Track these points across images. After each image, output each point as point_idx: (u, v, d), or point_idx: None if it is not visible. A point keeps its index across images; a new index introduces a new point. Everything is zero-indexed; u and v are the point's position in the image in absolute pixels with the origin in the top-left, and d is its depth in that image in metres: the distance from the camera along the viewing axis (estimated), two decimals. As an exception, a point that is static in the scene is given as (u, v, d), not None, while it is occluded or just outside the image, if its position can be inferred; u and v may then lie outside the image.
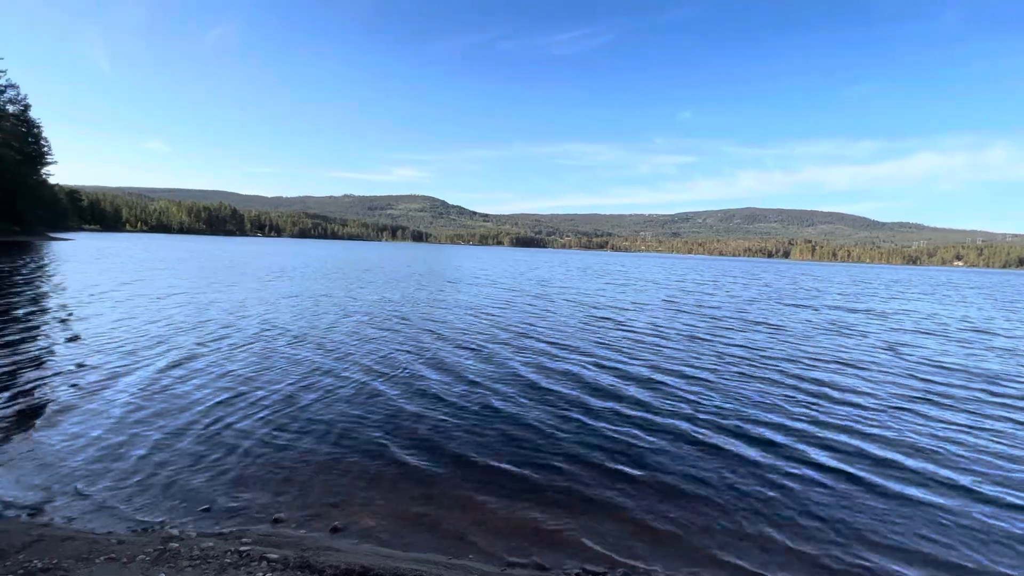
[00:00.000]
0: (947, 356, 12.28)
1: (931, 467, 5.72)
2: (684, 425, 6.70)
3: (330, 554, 3.65)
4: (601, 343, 12.13)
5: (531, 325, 14.52)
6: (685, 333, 14.08)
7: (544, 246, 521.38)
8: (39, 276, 21.35)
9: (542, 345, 11.61)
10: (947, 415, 7.61)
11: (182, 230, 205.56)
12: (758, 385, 8.85)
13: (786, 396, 8.25)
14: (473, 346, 11.21)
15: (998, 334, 16.70)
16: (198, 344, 10.11)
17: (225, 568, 3.34)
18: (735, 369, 9.97)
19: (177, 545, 3.61)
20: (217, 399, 6.92)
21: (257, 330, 11.83)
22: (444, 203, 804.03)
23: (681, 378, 9.13)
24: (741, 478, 5.23)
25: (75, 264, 28.89)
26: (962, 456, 6.06)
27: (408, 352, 10.34)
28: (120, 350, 9.32)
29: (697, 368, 9.93)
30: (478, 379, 8.55)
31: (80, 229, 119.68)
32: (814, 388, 8.82)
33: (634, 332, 13.91)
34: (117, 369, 8.12)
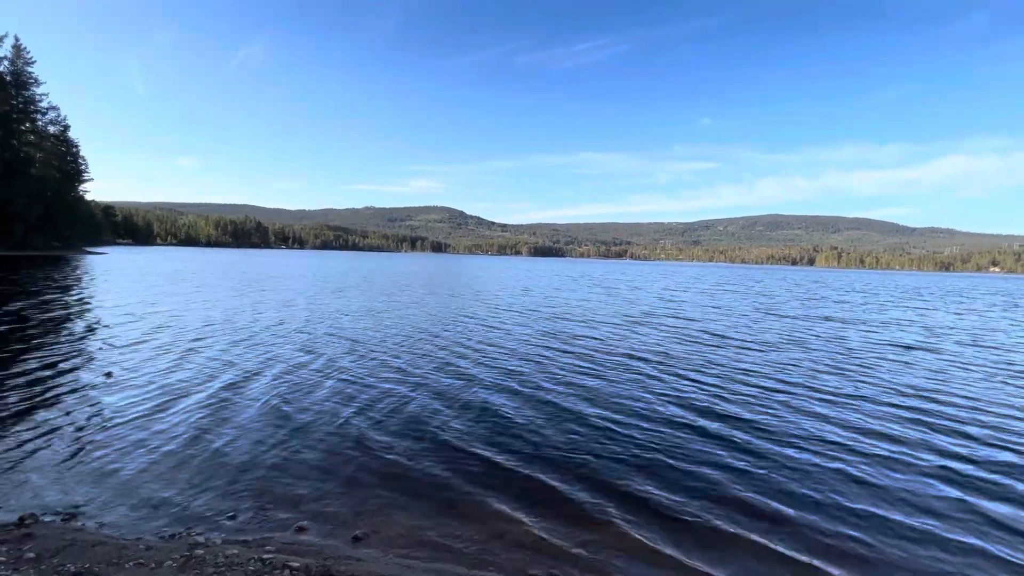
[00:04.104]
0: (918, 377, 10.23)
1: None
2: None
3: (351, 563, 3.66)
4: (501, 364, 10.31)
5: (455, 341, 14.16)
6: (625, 351, 12.16)
7: (563, 255, 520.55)
8: (74, 287, 22.23)
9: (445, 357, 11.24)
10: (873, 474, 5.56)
11: (209, 243, 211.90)
12: (657, 428, 6.77)
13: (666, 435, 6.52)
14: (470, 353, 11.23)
15: (996, 347, 15.37)
16: (221, 354, 10.35)
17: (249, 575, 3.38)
18: (636, 404, 7.87)
19: (203, 552, 3.67)
20: (238, 409, 7.06)
21: (271, 341, 12.07)
22: (463, 214, 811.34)
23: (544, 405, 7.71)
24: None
25: (107, 276, 30.00)
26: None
27: (424, 361, 10.42)
28: (150, 359, 9.61)
29: (594, 394, 8.36)
30: (488, 388, 8.55)
31: (114, 243, 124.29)
32: (703, 425, 6.94)
33: (572, 351, 12.00)
34: (144, 378, 8.36)
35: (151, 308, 16.75)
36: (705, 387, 9.11)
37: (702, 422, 7.15)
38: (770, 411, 7.76)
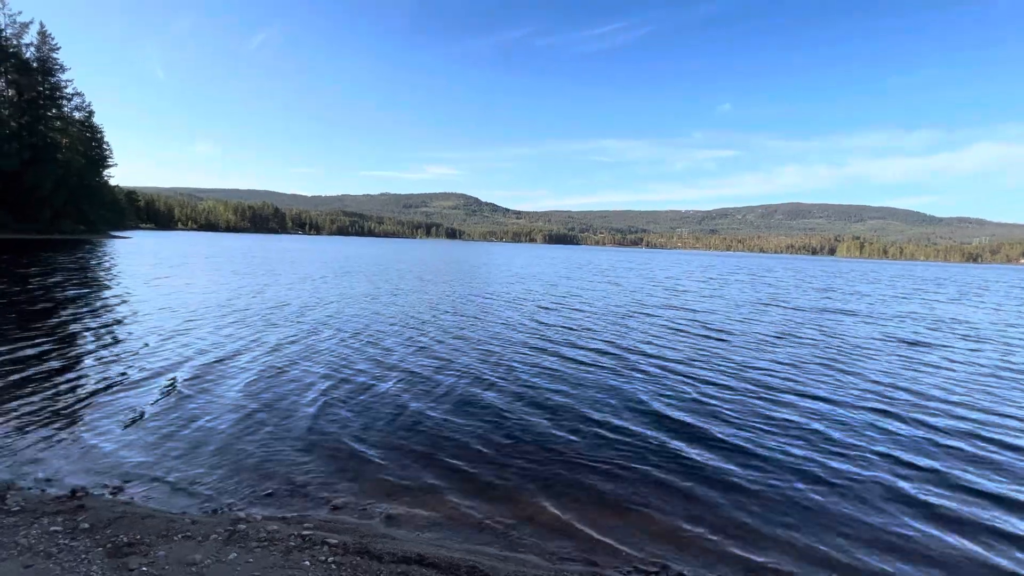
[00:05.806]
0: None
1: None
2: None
3: (387, 541, 3.78)
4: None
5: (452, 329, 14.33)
6: (616, 345, 11.44)
7: (577, 243, 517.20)
8: (106, 269, 22.84)
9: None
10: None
11: (228, 228, 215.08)
12: (668, 420, 6.61)
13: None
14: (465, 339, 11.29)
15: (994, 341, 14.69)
16: (258, 336, 10.58)
17: (290, 550, 3.51)
18: (652, 397, 7.64)
19: (245, 527, 3.81)
20: (274, 390, 7.25)
21: (307, 324, 12.29)
22: (477, 200, 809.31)
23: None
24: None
25: (136, 259, 30.74)
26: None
27: (448, 345, 10.54)
28: (186, 340, 9.87)
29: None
30: (518, 377, 8.62)
31: (137, 228, 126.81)
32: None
33: (568, 342, 11.56)
34: (180, 359, 8.60)
35: (184, 288, 17.15)
36: (709, 382, 9.08)
37: (706, 417, 7.16)
38: (754, 408, 7.72)
